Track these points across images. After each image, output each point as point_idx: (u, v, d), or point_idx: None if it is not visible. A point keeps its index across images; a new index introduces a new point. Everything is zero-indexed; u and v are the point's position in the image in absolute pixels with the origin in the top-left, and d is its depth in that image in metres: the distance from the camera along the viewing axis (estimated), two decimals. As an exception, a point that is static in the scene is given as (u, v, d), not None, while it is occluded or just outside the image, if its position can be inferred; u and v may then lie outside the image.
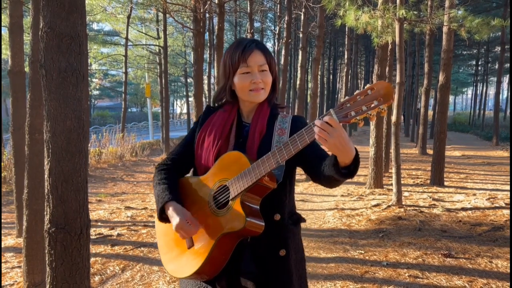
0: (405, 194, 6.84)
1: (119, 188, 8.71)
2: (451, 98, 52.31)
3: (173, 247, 1.50)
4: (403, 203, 6.14)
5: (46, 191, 2.02)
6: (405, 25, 6.55)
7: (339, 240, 4.63)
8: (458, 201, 6.44)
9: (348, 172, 1.21)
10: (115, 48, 20.02)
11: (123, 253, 4.21)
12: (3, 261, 3.93)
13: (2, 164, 5.68)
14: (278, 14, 16.28)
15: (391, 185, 6.44)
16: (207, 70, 15.47)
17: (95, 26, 26.11)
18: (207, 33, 14.65)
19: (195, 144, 1.52)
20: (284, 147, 1.26)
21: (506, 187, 7.56)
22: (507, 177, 8.79)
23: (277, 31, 16.20)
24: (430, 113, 21.58)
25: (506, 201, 6.17)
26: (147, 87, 20.01)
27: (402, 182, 6.53)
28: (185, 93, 25.68)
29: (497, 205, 5.98)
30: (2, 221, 4.64)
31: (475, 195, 6.84)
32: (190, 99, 23.25)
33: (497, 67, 19.92)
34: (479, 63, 29.33)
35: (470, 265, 3.78)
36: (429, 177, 8.38)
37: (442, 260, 3.91)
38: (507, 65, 21.49)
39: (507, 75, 30.27)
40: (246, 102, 1.50)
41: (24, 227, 3.34)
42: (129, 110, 42.79)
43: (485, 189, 7.41)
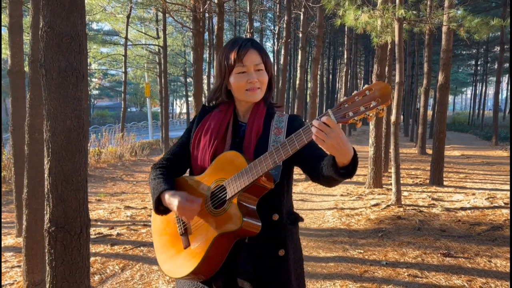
0: (405, 193, 6.85)
1: (119, 187, 8.71)
2: (451, 98, 52.35)
3: (169, 247, 1.49)
4: (403, 203, 6.15)
5: (46, 190, 2.02)
6: (404, 25, 6.56)
7: (338, 239, 4.64)
8: (457, 200, 6.44)
9: (346, 172, 1.21)
10: (115, 47, 20.02)
11: (123, 253, 4.22)
12: (2, 260, 3.93)
13: (2, 163, 5.68)
14: (277, 13, 16.28)
15: (391, 184, 6.45)
16: (207, 69, 15.46)
17: (94, 25, 26.09)
18: (207, 32, 14.64)
19: (191, 144, 1.51)
20: (281, 147, 1.25)
21: (505, 187, 7.57)
22: (506, 177, 8.80)
23: (277, 31, 16.20)
24: (429, 113, 21.62)
25: (505, 201, 6.17)
26: (146, 87, 20.00)
27: (401, 181, 6.53)
28: (184, 93, 25.68)
29: (496, 205, 5.99)
30: (2, 220, 4.64)
31: (474, 194, 6.85)
32: (189, 99, 23.25)
33: (496, 67, 19.93)
34: (479, 63, 29.36)
35: (469, 265, 3.79)
36: (428, 177, 8.39)
37: (441, 259, 3.92)
38: (506, 65, 21.52)
39: (507, 75, 30.31)
40: (242, 101, 1.48)
41: (23, 226, 3.34)
42: (129, 109, 42.76)
43: (484, 189, 7.42)
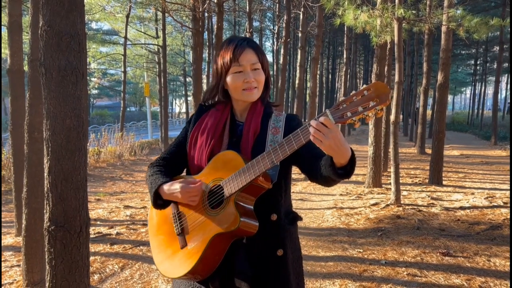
0: (404, 193, 6.85)
1: (118, 187, 8.71)
2: (450, 97, 52.44)
3: (166, 247, 1.48)
4: (402, 202, 6.16)
5: (45, 189, 2.02)
6: (403, 24, 6.56)
7: (337, 239, 4.64)
8: (456, 200, 6.45)
9: (344, 172, 1.21)
10: (114, 47, 20.01)
11: (122, 252, 4.22)
12: (2, 259, 3.93)
13: (1, 163, 5.68)
14: (277, 13, 16.28)
15: (390, 184, 6.45)
16: (206, 69, 15.45)
17: (93, 25, 26.06)
18: (206, 32, 14.64)
19: (187, 143, 1.51)
20: (279, 147, 1.24)
21: (504, 186, 7.58)
22: (505, 176, 8.82)
23: (276, 31, 16.20)
24: (428, 112, 21.65)
25: (504, 200, 6.18)
26: (146, 86, 20.00)
27: (400, 181, 6.54)
28: (184, 92, 25.68)
29: (495, 204, 6.00)
30: (1, 219, 4.64)
31: (473, 194, 6.86)
32: (189, 98, 23.24)
33: (495, 66, 19.93)
34: (478, 63, 29.35)
35: (468, 264, 3.80)
36: (427, 176, 8.40)
37: (440, 258, 3.93)
38: (505, 65, 21.53)
39: (506, 75, 30.34)
40: (239, 101, 1.47)
41: (23, 225, 3.34)
42: (128, 109, 42.76)
43: (484, 188, 7.43)
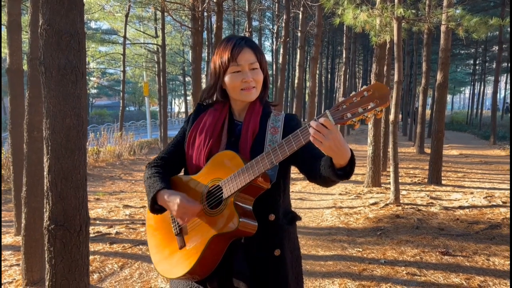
0: (403, 192, 6.86)
1: (117, 186, 8.70)
2: (449, 97, 52.48)
3: (164, 247, 1.47)
4: (401, 202, 6.16)
5: (45, 188, 2.02)
6: (403, 24, 6.57)
7: (337, 238, 4.64)
8: (455, 199, 6.46)
9: (344, 173, 1.21)
10: (113, 46, 19.99)
11: (122, 251, 4.22)
12: (1, 259, 3.93)
13: (0, 162, 5.68)
14: (276, 13, 16.29)
15: (389, 183, 6.46)
16: (205, 68, 15.46)
17: (93, 24, 26.05)
18: (206, 31, 14.64)
19: (185, 143, 1.49)
20: (278, 148, 1.24)
21: (503, 186, 7.59)
22: (504, 176, 8.83)
23: (275, 30, 16.19)
24: (428, 112, 21.66)
25: (503, 200, 6.19)
26: (145, 86, 19.97)
27: (400, 180, 6.54)
28: (183, 92, 25.68)
29: (494, 204, 6.01)
30: (1, 219, 4.64)
31: (472, 193, 6.87)
32: (188, 98, 23.25)
33: (494, 66, 19.95)
34: (477, 62, 29.38)
35: (467, 263, 3.80)
36: (426, 176, 8.41)
37: (439, 257, 3.93)
38: (504, 64, 21.57)
39: (505, 74, 30.38)
40: (237, 101, 1.46)
41: (22, 225, 3.34)
42: (127, 108, 42.74)
43: (483, 188, 7.44)
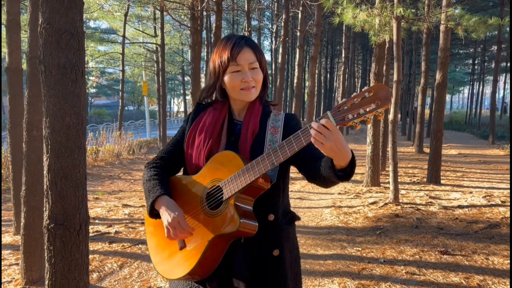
0: (402, 192, 6.87)
1: (116, 186, 8.70)
2: (448, 97, 52.47)
3: (164, 247, 1.46)
4: (400, 201, 6.17)
5: (45, 187, 2.02)
6: (402, 23, 6.57)
7: (336, 237, 4.65)
8: (454, 199, 6.47)
9: (344, 174, 1.21)
10: (112, 46, 19.98)
11: (121, 251, 4.22)
12: (1, 258, 3.92)
13: (0, 161, 5.67)
14: (275, 12, 16.28)
15: (388, 183, 6.46)
16: (205, 68, 15.45)
17: (92, 23, 26.01)
18: (205, 31, 14.60)
19: (185, 142, 1.48)
20: (279, 149, 1.23)
21: (502, 185, 7.60)
22: (503, 176, 8.84)
23: (275, 30, 16.19)
24: (427, 111, 21.65)
25: (502, 199, 6.20)
26: (144, 85, 19.94)
27: (399, 180, 6.54)
28: (182, 91, 25.66)
29: (493, 203, 6.02)
30: (0, 218, 4.64)
31: (471, 193, 6.88)
32: (187, 97, 23.26)
33: (493, 66, 19.97)
34: (476, 62, 29.40)
35: (466, 262, 3.81)
36: (425, 175, 8.42)
37: (439, 257, 3.94)
38: (503, 64, 21.60)
39: (504, 74, 30.42)
40: (237, 100, 1.46)
41: (22, 224, 3.33)
42: (126, 108, 42.65)
43: (482, 187, 7.45)
